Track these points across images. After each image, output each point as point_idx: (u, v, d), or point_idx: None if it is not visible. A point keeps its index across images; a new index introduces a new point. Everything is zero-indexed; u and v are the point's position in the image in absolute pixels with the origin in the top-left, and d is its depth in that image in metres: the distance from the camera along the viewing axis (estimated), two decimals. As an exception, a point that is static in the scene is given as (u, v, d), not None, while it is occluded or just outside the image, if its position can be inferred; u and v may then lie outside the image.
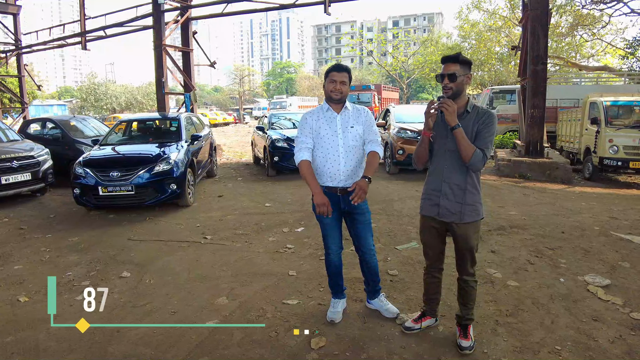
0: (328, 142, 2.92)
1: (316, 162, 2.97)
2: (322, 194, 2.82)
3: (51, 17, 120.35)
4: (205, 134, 9.09)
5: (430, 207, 2.69)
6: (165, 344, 2.88)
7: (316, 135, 2.95)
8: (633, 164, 8.48)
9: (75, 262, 4.52)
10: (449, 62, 2.54)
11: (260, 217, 6.10)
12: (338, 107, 2.96)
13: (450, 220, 2.63)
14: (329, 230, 3.02)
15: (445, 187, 2.61)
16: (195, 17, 13.77)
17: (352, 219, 3.02)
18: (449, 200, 2.61)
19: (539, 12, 9.17)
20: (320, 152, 2.94)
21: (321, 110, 3.00)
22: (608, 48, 23.86)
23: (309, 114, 3.03)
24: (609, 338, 2.80)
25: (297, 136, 3.04)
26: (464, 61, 2.52)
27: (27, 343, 2.96)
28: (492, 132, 2.53)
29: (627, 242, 4.69)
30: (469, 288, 2.71)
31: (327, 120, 2.95)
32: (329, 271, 3.14)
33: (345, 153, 2.90)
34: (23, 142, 8.27)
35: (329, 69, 2.95)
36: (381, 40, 61.13)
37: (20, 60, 18.10)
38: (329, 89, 2.90)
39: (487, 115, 2.55)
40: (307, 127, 2.98)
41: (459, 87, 2.52)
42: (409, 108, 12.92)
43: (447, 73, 2.51)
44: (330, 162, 2.91)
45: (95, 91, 46.61)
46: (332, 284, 3.19)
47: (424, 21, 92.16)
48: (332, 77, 2.89)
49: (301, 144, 2.97)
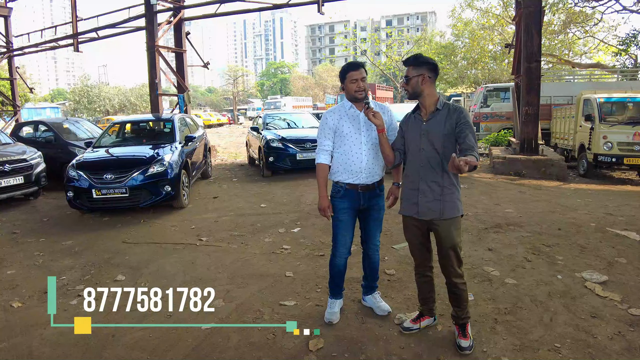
0: (351, 140, 2.91)
1: (338, 159, 2.95)
2: (327, 198, 2.93)
3: (43, 19, 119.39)
4: (200, 135, 9.04)
5: (409, 206, 2.70)
6: (161, 347, 2.85)
7: (338, 134, 2.94)
8: (627, 160, 8.53)
9: (69, 265, 4.46)
10: (405, 65, 2.67)
11: (256, 218, 6.06)
12: (360, 105, 2.94)
13: (430, 218, 2.62)
14: (342, 230, 3.00)
15: (422, 186, 2.62)
16: (188, 18, 13.69)
17: (367, 215, 3.03)
18: (427, 198, 2.61)
19: (532, 10, 9.19)
20: (343, 149, 2.93)
21: (343, 108, 2.98)
22: (601, 45, 23.98)
23: (330, 113, 3.01)
24: (608, 335, 2.79)
25: (317, 137, 3.04)
26: (415, 62, 2.61)
27: (20, 349, 2.91)
28: (470, 126, 2.54)
29: (623, 238, 4.69)
30: (458, 291, 2.69)
31: (350, 118, 2.94)
32: (332, 272, 3.13)
33: (368, 151, 2.90)
34: (15, 146, 8.19)
35: (345, 70, 2.92)
36: (375, 39, 61.23)
37: (12, 63, 17.91)
38: (352, 90, 2.88)
39: (458, 113, 2.57)
40: (327, 128, 2.97)
41: (414, 87, 2.62)
42: (403, 107, 12.93)
43: (404, 76, 2.69)
44: (353, 159, 2.90)
45: (88, 93, 46.34)
46: (332, 285, 3.17)
47: (417, 20, 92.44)
48: (353, 77, 2.87)
49: (321, 146, 2.99)
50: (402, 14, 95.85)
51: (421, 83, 2.59)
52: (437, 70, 2.65)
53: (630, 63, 21.78)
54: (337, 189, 2.98)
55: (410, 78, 2.61)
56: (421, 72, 2.58)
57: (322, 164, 2.95)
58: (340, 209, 2.97)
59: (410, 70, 2.62)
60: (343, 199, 2.96)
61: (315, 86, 66.62)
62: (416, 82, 2.60)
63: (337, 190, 2.98)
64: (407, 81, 2.63)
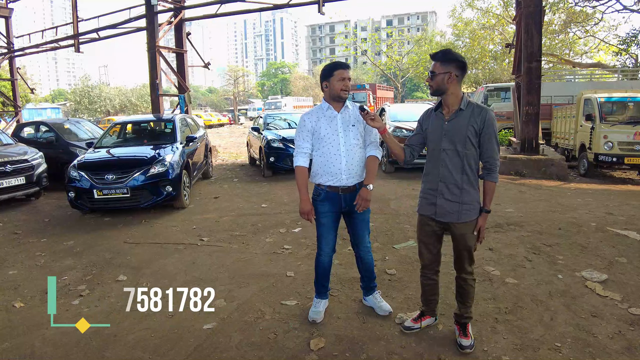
0: (329, 142, 2.89)
1: (317, 162, 2.94)
2: (309, 201, 2.91)
3: (43, 20, 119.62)
4: (200, 135, 9.05)
5: (427, 206, 2.67)
6: (163, 347, 2.86)
7: (316, 136, 2.92)
8: (628, 160, 8.52)
9: (70, 266, 4.47)
10: (432, 59, 2.55)
11: (257, 218, 6.07)
12: (339, 105, 2.93)
13: (448, 220, 2.60)
14: (325, 232, 3.01)
15: (441, 186, 2.59)
16: (188, 18, 13.71)
17: (352, 217, 3.02)
18: (445, 200, 2.58)
19: (533, 10, 9.19)
20: (322, 151, 2.91)
21: (320, 110, 2.96)
22: (601, 45, 23.98)
23: (307, 116, 2.99)
24: (608, 334, 2.79)
25: (295, 139, 3.01)
26: (444, 59, 2.49)
27: (23, 349, 2.92)
28: (495, 135, 2.51)
29: (624, 238, 4.70)
30: (467, 286, 2.70)
31: (328, 119, 2.92)
32: (317, 271, 3.14)
33: (347, 152, 2.88)
34: (17, 146, 8.20)
35: (332, 67, 2.88)
36: (375, 39, 61.23)
37: (13, 64, 17.94)
38: (339, 88, 2.85)
39: (483, 115, 2.48)
40: (305, 131, 2.95)
41: (439, 84, 2.51)
42: (404, 107, 12.95)
43: (429, 70, 2.55)
44: (332, 161, 2.88)
45: (89, 94, 46.42)
46: (318, 284, 3.18)
47: (418, 20, 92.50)
48: (342, 75, 2.84)
49: (299, 148, 2.96)
50: (403, 14, 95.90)
51: (447, 81, 2.48)
52: (465, 68, 2.53)
53: (631, 63, 21.76)
54: (318, 192, 2.98)
55: (437, 74, 2.49)
56: (448, 70, 2.46)
57: (301, 167, 2.92)
58: (323, 212, 2.97)
59: (437, 65, 2.49)
60: (324, 202, 2.95)
61: (316, 86, 66.49)
62: (442, 79, 2.48)
63: (318, 194, 2.97)
64: (433, 77, 2.51)
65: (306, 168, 2.94)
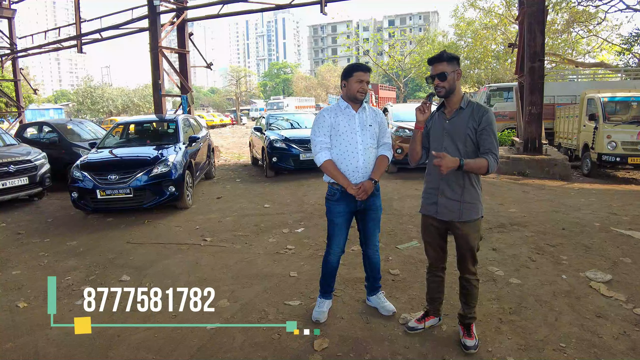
0: (347, 140, 2.90)
1: (334, 159, 2.93)
2: (352, 185, 2.85)
3: (46, 21, 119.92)
4: (203, 135, 9.06)
5: (429, 205, 2.68)
6: (167, 347, 2.86)
7: (334, 132, 2.92)
8: (631, 160, 8.50)
9: (73, 266, 4.48)
10: (435, 62, 2.53)
11: (260, 218, 6.07)
12: (356, 106, 2.95)
13: (449, 219, 2.60)
14: (337, 232, 3.01)
15: (443, 185, 2.59)
16: (191, 19, 13.73)
17: (365, 216, 3.02)
18: (447, 199, 2.59)
19: (535, 9, 9.17)
20: (339, 149, 2.91)
21: (339, 108, 2.97)
22: (604, 44, 23.90)
23: (327, 112, 2.99)
24: (613, 334, 2.78)
25: (313, 136, 2.97)
26: (449, 58, 2.51)
27: (26, 349, 2.92)
28: (493, 132, 2.50)
29: (628, 238, 4.68)
30: (470, 287, 2.69)
31: (346, 117, 2.93)
32: (324, 270, 3.14)
33: (364, 151, 2.89)
34: (20, 147, 8.23)
35: (352, 68, 2.89)
36: (377, 39, 61.19)
37: (16, 64, 18.00)
38: (355, 89, 2.86)
39: (482, 114, 2.50)
40: (325, 126, 2.93)
41: (451, 84, 2.51)
42: (406, 107, 12.90)
43: (436, 74, 2.51)
44: (349, 159, 2.89)
45: (91, 94, 46.57)
46: (324, 283, 3.17)
47: (420, 20, 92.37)
48: (359, 77, 2.85)
49: (320, 144, 2.93)
50: (405, 14, 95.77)
51: (456, 79, 2.52)
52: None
53: (634, 62, 21.71)
54: (333, 192, 2.97)
55: (448, 74, 2.48)
56: (455, 68, 2.50)
57: (328, 160, 2.89)
58: (337, 212, 2.97)
59: (445, 66, 2.49)
60: (339, 201, 2.95)
61: (318, 86, 66.58)
62: (453, 78, 2.50)
63: (333, 193, 2.97)
64: (444, 78, 2.49)
65: (332, 161, 2.90)
